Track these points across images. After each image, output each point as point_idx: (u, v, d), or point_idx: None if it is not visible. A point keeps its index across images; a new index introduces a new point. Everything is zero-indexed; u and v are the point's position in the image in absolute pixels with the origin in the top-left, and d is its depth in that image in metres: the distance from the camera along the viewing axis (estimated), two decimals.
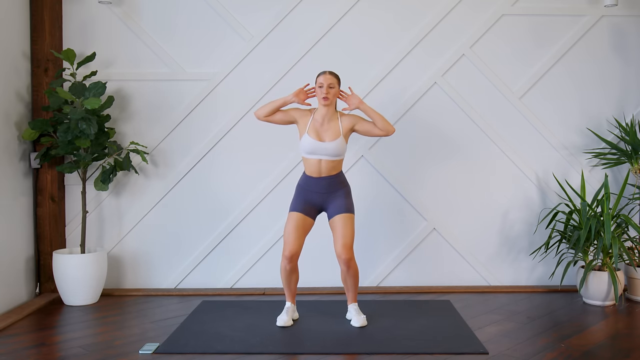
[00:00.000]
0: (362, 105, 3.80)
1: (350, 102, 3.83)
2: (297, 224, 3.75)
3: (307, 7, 4.67)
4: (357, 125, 3.79)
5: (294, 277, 3.83)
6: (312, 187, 3.77)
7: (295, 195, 3.84)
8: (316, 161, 3.74)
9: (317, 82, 3.77)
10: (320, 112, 3.77)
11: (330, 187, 3.77)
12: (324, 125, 3.75)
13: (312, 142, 3.71)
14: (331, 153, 3.72)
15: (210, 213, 4.72)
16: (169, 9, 4.69)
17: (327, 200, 3.78)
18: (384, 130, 3.75)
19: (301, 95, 3.82)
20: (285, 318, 3.80)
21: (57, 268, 4.33)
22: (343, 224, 3.72)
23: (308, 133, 3.73)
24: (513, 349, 3.40)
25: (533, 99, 4.71)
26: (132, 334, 3.70)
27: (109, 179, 4.45)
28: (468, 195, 4.73)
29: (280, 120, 3.85)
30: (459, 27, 4.69)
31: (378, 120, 3.74)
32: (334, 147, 3.71)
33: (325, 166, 3.75)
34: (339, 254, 3.69)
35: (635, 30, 4.72)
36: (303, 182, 3.83)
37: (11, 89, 4.26)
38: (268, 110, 3.81)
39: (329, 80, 3.73)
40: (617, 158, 4.59)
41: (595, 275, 4.22)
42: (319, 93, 3.75)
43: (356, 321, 3.78)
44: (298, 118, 3.81)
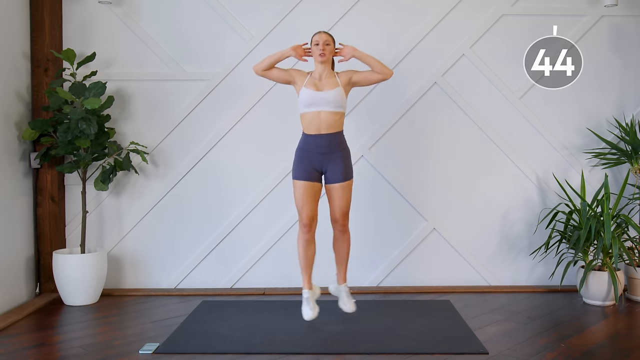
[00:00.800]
0: (356, 52, 3.84)
1: (345, 52, 3.88)
2: (306, 191, 3.74)
3: (307, 7, 4.67)
4: (354, 76, 3.83)
5: (312, 250, 3.81)
6: (312, 147, 3.75)
7: (296, 160, 3.81)
8: (315, 114, 3.72)
9: (312, 41, 3.82)
10: (318, 70, 3.82)
11: (331, 146, 3.74)
12: (322, 80, 3.79)
13: (310, 92, 3.72)
14: (331, 102, 3.70)
15: (210, 213, 4.72)
16: (169, 9, 4.69)
17: (327, 162, 3.76)
18: (382, 74, 3.79)
19: (299, 50, 3.87)
20: (310, 311, 3.76)
21: (57, 268, 4.33)
22: (342, 192, 3.75)
23: (306, 86, 3.76)
24: (513, 349, 3.40)
25: (533, 99, 4.71)
26: (132, 334, 3.70)
27: (109, 179, 4.45)
28: (468, 195, 4.73)
29: (278, 77, 3.85)
30: (459, 27, 4.69)
31: (375, 65, 3.79)
32: (332, 95, 3.71)
33: (326, 120, 3.72)
34: (336, 219, 3.74)
35: (635, 30, 4.72)
36: (302, 143, 3.80)
37: (11, 89, 4.26)
38: (266, 64, 3.82)
39: (324, 38, 3.79)
40: (617, 158, 4.59)
41: (595, 275, 4.22)
42: (315, 50, 3.79)
43: (348, 305, 3.77)
44: (296, 77, 3.83)
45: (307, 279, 3.85)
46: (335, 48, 3.88)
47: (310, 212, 3.73)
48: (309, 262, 3.83)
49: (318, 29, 4.63)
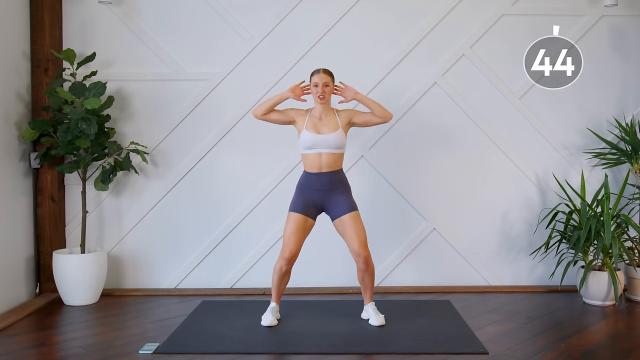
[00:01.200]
0: (357, 95, 3.83)
1: (346, 94, 3.86)
2: (298, 225, 3.74)
3: (307, 7, 4.67)
4: (355, 117, 3.82)
5: (286, 279, 3.84)
6: (313, 184, 3.76)
7: (296, 194, 3.83)
8: (316, 155, 3.74)
9: (311, 81, 3.79)
10: (317, 109, 3.79)
11: (332, 184, 3.76)
12: (322, 120, 3.78)
13: (311, 135, 3.71)
14: (331, 145, 3.72)
15: (210, 213, 4.72)
16: (169, 9, 4.69)
17: (329, 199, 3.77)
18: (382, 117, 3.79)
19: (297, 91, 3.84)
20: (271, 317, 3.80)
21: (57, 268, 4.33)
22: (354, 222, 3.72)
23: (307, 128, 3.74)
24: (513, 349, 3.40)
25: (533, 99, 4.71)
26: (132, 334, 3.70)
27: (109, 179, 4.45)
28: (468, 195, 4.73)
29: (278, 119, 3.85)
30: (459, 27, 4.69)
31: (376, 109, 3.78)
32: (333, 138, 3.71)
33: (326, 160, 3.74)
34: (358, 252, 3.69)
35: (635, 30, 4.72)
36: (303, 180, 3.82)
37: (11, 89, 4.26)
38: (265, 108, 3.81)
39: (324, 79, 3.75)
40: (617, 158, 4.59)
41: (595, 275, 4.22)
42: (314, 92, 3.77)
43: (376, 320, 3.78)
44: (295, 117, 3.81)
45: (276, 296, 3.88)
46: (335, 86, 3.86)
47: (295, 247, 3.74)
48: (282, 287, 3.87)
49: (318, 29, 4.66)
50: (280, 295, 3.90)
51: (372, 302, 3.86)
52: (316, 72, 3.79)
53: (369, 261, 3.72)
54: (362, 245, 3.70)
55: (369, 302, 3.86)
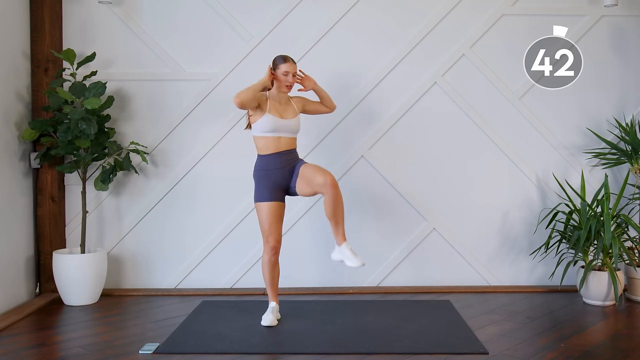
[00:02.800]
0: (316, 86, 4.00)
1: (306, 84, 4.01)
2: (272, 213, 3.77)
3: (307, 7, 4.67)
4: (307, 105, 4.01)
5: (277, 271, 3.86)
6: (271, 164, 3.78)
7: (257, 184, 3.82)
8: (275, 139, 3.79)
9: (279, 69, 3.81)
10: (276, 94, 3.85)
11: (289, 161, 3.81)
12: (282, 105, 3.86)
13: (275, 119, 3.76)
14: (292, 129, 3.84)
15: (210, 213, 4.71)
16: (169, 9, 4.69)
17: (288, 174, 3.80)
18: (330, 108, 4.07)
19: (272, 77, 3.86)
20: (271, 317, 3.80)
21: (57, 268, 4.33)
22: (309, 167, 3.74)
23: (269, 112, 3.77)
24: (513, 349, 3.40)
25: (533, 99, 4.71)
26: (132, 334, 3.70)
27: (109, 179, 4.45)
28: (468, 195, 4.73)
29: (252, 105, 3.74)
30: (459, 27, 4.69)
31: (327, 100, 4.04)
32: (294, 123, 3.85)
33: (285, 143, 3.82)
34: (323, 180, 3.58)
35: (635, 30, 4.72)
36: (261, 163, 3.82)
37: (11, 89, 4.26)
38: (250, 96, 3.67)
39: (294, 69, 3.84)
40: (617, 158, 4.59)
41: (595, 275, 4.22)
42: (283, 80, 3.80)
43: (354, 261, 3.60)
44: (260, 101, 3.80)
45: (273, 294, 3.88)
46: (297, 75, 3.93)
47: (278, 235, 3.78)
48: (275, 282, 3.87)
49: (318, 29, 4.66)
50: (276, 292, 3.89)
51: (346, 242, 3.67)
52: (284, 61, 3.82)
53: (335, 183, 3.60)
54: (323, 172, 3.65)
55: (343, 241, 3.66)
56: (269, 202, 3.77)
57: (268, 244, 3.78)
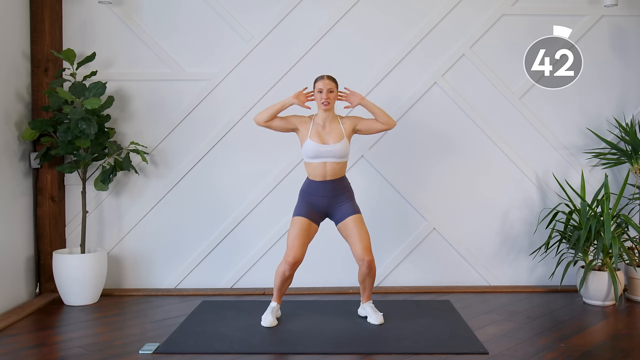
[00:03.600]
0: (363, 101, 3.81)
1: (352, 99, 3.85)
2: (302, 229, 3.73)
3: (307, 7, 4.67)
4: (359, 124, 3.81)
5: (289, 283, 3.83)
6: (317, 192, 3.75)
7: (299, 200, 3.82)
8: (321, 164, 3.73)
9: (315, 87, 3.77)
10: (321, 116, 3.77)
11: (335, 190, 3.75)
12: (325, 128, 3.75)
13: (316, 145, 3.69)
14: (336, 155, 3.71)
15: (210, 213, 4.72)
16: (169, 9, 4.69)
17: (332, 205, 3.76)
18: (386, 124, 3.79)
19: (301, 97, 3.80)
20: (271, 318, 3.79)
21: (57, 268, 4.33)
22: (358, 225, 3.71)
23: (311, 138, 3.72)
24: (513, 349, 3.40)
25: (533, 99, 4.71)
26: (132, 334, 3.70)
27: (109, 179, 4.45)
28: (468, 195, 4.73)
29: (280, 127, 3.80)
30: (459, 27, 4.69)
31: (380, 115, 3.78)
32: (338, 148, 3.71)
33: (331, 169, 3.73)
34: (362, 256, 3.67)
35: (635, 30, 4.72)
36: (307, 187, 3.81)
37: (11, 89, 4.26)
38: (268, 114, 3.76)
39: (328, 85, 3.73)
40: (617, 158, 4.59)
41: (595, 275, 4.22)
42: (318, 98, 3.75)
43: (375, 319, 3.79)
44: (298, 124, 3.78)
45: (278, 296, 3.87)
46: (339, 92, 3.85)
47: (299, 252, 3.70)
48: (284, 289, 3.86)
49: (318, 29, 4.66)
50: (282, 296, 3.90)
51: (370, 301, 3.89)
52: (320, 78, 3.77)
53: (372, 265, 3.71)
54: (365, 249, 3.69)
55: (367, 300, 3.88)
56: (302, 217, 3.75)
57: (286, 257, 3.71)
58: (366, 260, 3.68)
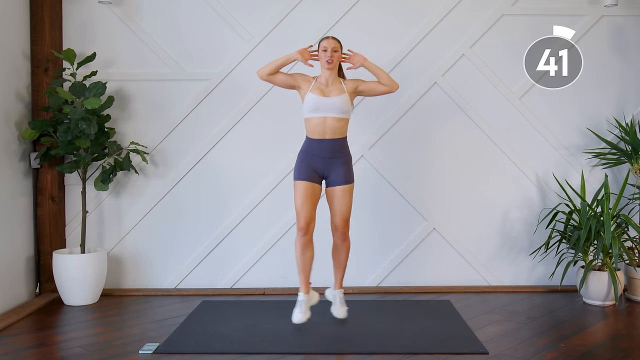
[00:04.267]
0: (366, 62, 3.82)
1: (354, 60, 3.86)
2: (306, 192, 3.71)
3: (307, 7, 4.67)
4: (360, 85, 3.81)
5: (309, 253, 3.75)
6: (315, 151, 3.73)
7: (298, 162, 3.79)
8: (321, 119, 3.70)
9: (320, 47, 3.78)
10: (324, 75, 3.78)
11: (334, 151, 3.74)
12: (328, 86, 3.76)
13: (316, 97, 3.69)
14: (336, 108, 3.69)
15: (210, 213, 4.72)
16: (169, 9, 4.69)
17: (329, 167, 3.74)
18: (388, 86, 3.79)
19: (305, 54, 3.80)
20: (300, 315, 3.69)
21: (57, 268, 4.33)
22: (342, 195, 3.72)
23: (311, 91, 3.72)
24: (513, 349, 3.40)
25: (533, 99, 4.71)
26: (132, 334, 3.70)
27: (109, 179, 4.45)
28: (468, 195, 4.73)
29: (283, 82, 3.79)
30: (459, 27, 4.69)
31: (383, 77, 3.78)
32: (338, 101, 3.69)
33: (331, 126, 3.71)
34: (337, 225, 3.72)
35: (635, 30, 4.72)
36: (306, 146, 3.78)
37: (11, 89, 4.26)
38: (271, 68, 3.76)
39: (332, 44, 3.74)
40: (617, 158, 4.59)
41: (595, 275, 4.22)
42: (322, 57, 3.76)
43: (340, 312, 3.79)
44: (301, 82, 3.78)
45: (304, 283, 3.80)
46: (343, 54, 3.85)
47: (309, 214, 3.70)
48: (307, 266, 3.77)
49: (318, 29, 4.66)
50: (307, 279, 3.77)
51: (341, 290, 3.86)
52: (325, 37, 3.80)
53: (346, 236, 3.75)
54: (343, 220, 3.73)
55: (339, 287, 3.86)
56: (304, 181, 3.72)
57: (299, 224, 3.70)
58: (340, 229, 3.72)
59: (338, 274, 3.87)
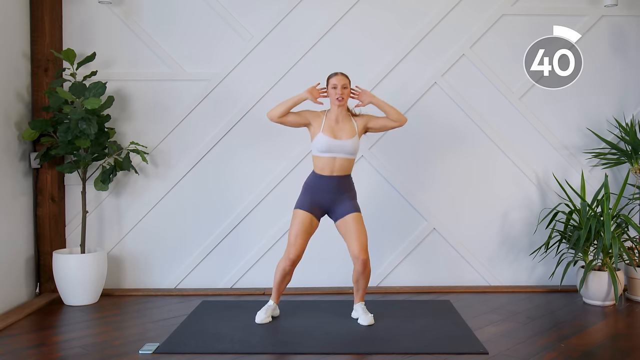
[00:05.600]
0: (374, 99, 3.84)
1: (362, 98, 3.87)
2: (305, 225, 3.74)
3: (307, 7, 4.67)
4: (370, 122, 3.83)
5: (288, 279, 3.86)
6: (322, 186, 3.76)
7: (303, 193, 3.83)
8: (330, 159, 3.73)
9: (329, 84, 3.78)
10: (334, 112, 3.78)
11: (340, 188, 3.76)
12: (338, 124, 3.76)
13: (328, 139, 3.71)
14: (347, 150, 3.72)
15: (210, 213, 4.72)
16: (169, 9, 4.69)
17: (334, 201, 3.77)
18: (397, 122, 3.82)
19: (314, 93, 3.83)
20: (264, 315, 3.84)
21: (57, 268, 4.33)
22: (356, 223, 3.73)
23: (323, 132, 3.73)
24: (513, 349, 3.40)
25: (533, 99, 4.71)
26: (132, 334, 3.70)
27: (109, 179, 4.45)
28: (468, 195, 4.73)
29: (293, 122, 3.82)
30: (459, 27, 4.69)
31: (391, 113, 3.81)
32: (350, 144, 3.72)
33: (339, 165, 3.74)
34: (357, 255, 3.70)
35: (635, 30, 4.72)
36: (312, 180, 3.81)
37: (11, 89, 4.26)
38: (282, 110, 3.77)
39: (342, 82, 3.75)
40: (617, 158, 4.59)
41: (595, 275, 4.22)
42: (332, 94, 3.76)
43: (364, 320, 3.80)
44: (311, 119, 3.80)
45: (276, 294, 3.90)
46: (352, 90, 3.86)
47: (301, 248, 3.75)
48: (282, 287, 3.88)
49: (318, 29, 4.66)
50: (280, 295, 3.91)
51: (362, 302, 3.89)
52: (334, 74, 3.80)
53: (367, 265, 3.73)
54: (361, 248, 3.70)
55: (359, 301, 3.89)
56: (306, 212, 3.75)
57: (288, 254, 3.75)
58: (361, 258, 3.70)
59: (359, 293, 3.88)
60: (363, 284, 3.82)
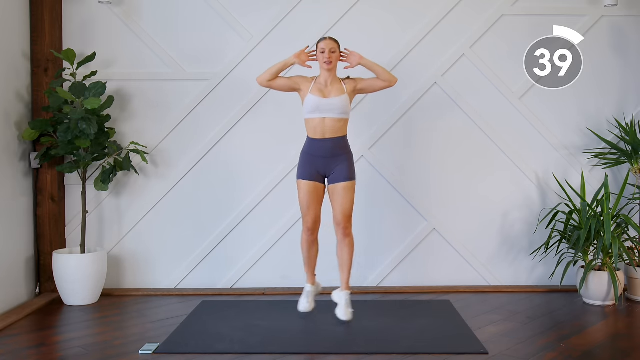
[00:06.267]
0: (363, 60, 3.86)
1: (351, 59, 3.89)
2: (310, 194, 3.78)
3: (307, 7, 4.67)
4: (360, 83, 3.86)
5: (315, 250, 3.89)
6: (316, 151, 3.77)
7: (301, 162, 3.85)
8: (320, 120, 3.75)
9: (318, 48, 3.82)
10: (323, 76, 3.82)
11: (335, 150, 3.77)
12: (327, 86, 3.80)
13: (317, 98, 3.73)
14: (336, 109, 3.73)
15: (210, 213, 4.72)
16: (169, 9, 4.69)
17: (331, 166, 3.79)
18: (387, 81, 3.83)
19: (302, 57, 3.85)
20: (306, 304, 3.87)
21: (57, 268, 4.33)
22: (346, 192, 3.76)
23: (311, 92, 3.76)
24: (513, 349, 3.40)
25: (533, 99, 4.71)
26: (132, 334, 3.70)
27: (109, 179, 4.45)
28: (468, 195, 4.73)
29: (282, 86, 3.86)
30: (459, 27, 4.69)
31: (381, 73, 3.83)
32: (338, 102, 3.73)
33: (330, 126, 3.75)
34: (339, 221, 3.76)
35: (635, 30, 4.72)
36: (307, 147, 3.83)
37: (11, 89, 4.26)
38: (270, 74, 3.82)
39: (330, 45, 3.79)
40: (617, 158, 4.59)
41: (595, 275, 4.22)
42: (320, 58, 3.80)
43: (343, 313, 3.78)
44: (301, 84, 3.83)
45: (310, 275, 3.96)
46: (341, 52, 3.88)
47: (315, 214, 3.80)
48: (312, 261, 3.92)
49: (318, 29, 4.66)
50: (313, 271, 3.94)
51: (348, 291, 3.86)
52: (322, 39, 3.84)
53: (348, 232, 3.77)
54: (344, 215, 3.75)
55: (345, 288, 3.87)
56: (307, 181, 3.78)
57: (305, 225, 3.82)
58: (342, 225, 3.75)
59: (343, 273, 3.88)
60: (347, 259, 3.81)
